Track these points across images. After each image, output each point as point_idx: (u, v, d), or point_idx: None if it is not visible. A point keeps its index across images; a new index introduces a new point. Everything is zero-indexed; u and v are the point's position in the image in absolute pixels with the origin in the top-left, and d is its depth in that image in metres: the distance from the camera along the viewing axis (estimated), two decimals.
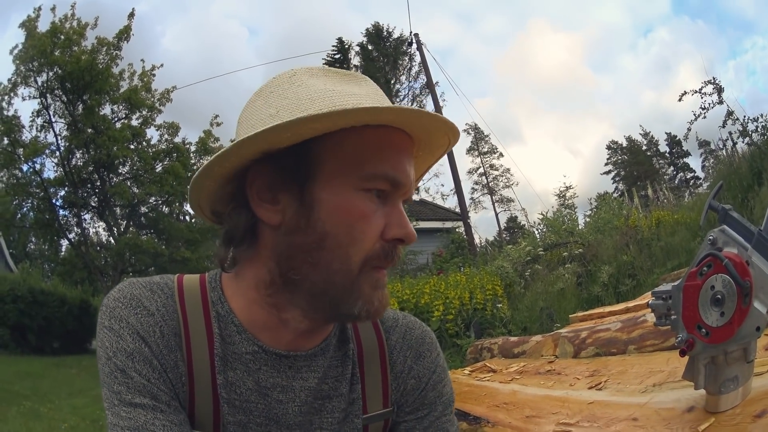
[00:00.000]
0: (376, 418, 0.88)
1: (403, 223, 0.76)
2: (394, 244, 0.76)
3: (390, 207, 0.76)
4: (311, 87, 0.75)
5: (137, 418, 0.70)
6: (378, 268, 0.76)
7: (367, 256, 0.74)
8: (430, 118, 0.75)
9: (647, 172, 39.44)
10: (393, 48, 34.42)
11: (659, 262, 6.59)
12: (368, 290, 0.75)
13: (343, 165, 0.73)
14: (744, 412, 1.11)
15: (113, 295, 0.78)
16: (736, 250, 1.07)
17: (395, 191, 0.76)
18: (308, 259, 0.73)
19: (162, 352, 0.75)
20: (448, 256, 13.99)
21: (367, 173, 0.73)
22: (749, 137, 8.29)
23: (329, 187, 0.73)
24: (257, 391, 0.79)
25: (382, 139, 0.74)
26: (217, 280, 0.83)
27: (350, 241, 0.73)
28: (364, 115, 0.70)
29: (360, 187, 0.73)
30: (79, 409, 7.42)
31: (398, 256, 0.77)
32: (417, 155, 0.83)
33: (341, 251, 0.73)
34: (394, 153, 0.75)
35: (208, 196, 0.81)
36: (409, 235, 0.76)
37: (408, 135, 0.78)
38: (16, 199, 16.90)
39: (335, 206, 0.72)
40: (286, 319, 0.78)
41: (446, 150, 0.85)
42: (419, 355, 0.92)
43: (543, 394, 1.92)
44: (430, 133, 0.79)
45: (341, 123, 0.70)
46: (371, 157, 0.73)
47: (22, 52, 15.08)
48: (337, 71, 0.81)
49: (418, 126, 0.76)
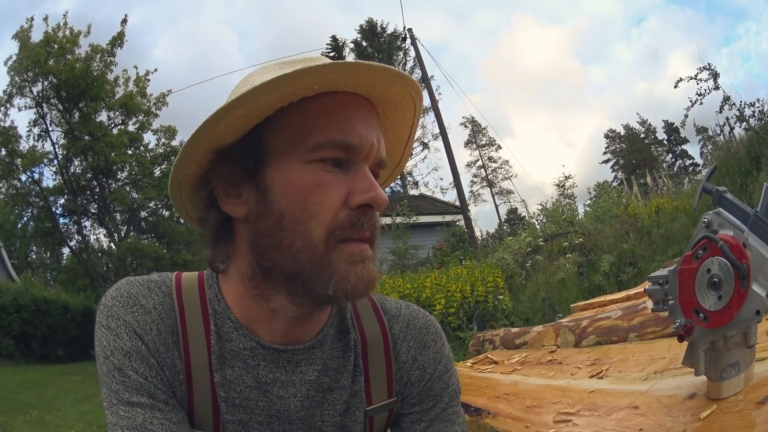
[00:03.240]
0: (380, 409, 0.87)
1: (367, 188, 0.72)
2: (363, 211, 0.72)
3: (353, 174, 0.73)
4: (259, 81, 0.73)
5: (135, 417, 0.70)
6: (349, 240, 0.72)
7: (330, 229, 0.71)
8: (363, 70, 0.71)
9: (646, 160, 39.42)
10: (387, 44, 34.46)
11: (660, 250, 6.59)
12: (343, 266, 0.71)
13: (290, 142, 0.71)
14: (747, 398, 1.09)
15: (110, 293, 0.78)
16: (731, 232, 1.05)
17: (353, 156, 0.73)
18: (272, 243, 0.72)
19: (159, 350, 0.75)
20: (449, 249, 13.99)
21: (313, 144, 0.71)
22: (746, 122, 8.28)
23: (279, 166, 0.72)
24: (257, 387, 0.78)
25: (326, 106, 0.72)
26: (214, 277, 0.82)
27: (307, 216, 0.70)
28: (280, 85, 0.67)
29: (309, 159, 0.71)
30: (86, 415, 7.43)
31: (373, 225, 0.74)
32: (388, 116, 0.81)
33: (300, 228, 0.71)
34: (339, 117, 0.72)
35: (188, 204, 0.82)
36: (376, 199, 0.72)
37: (361, 97, 0.75)
38: (16, 209, 16.95)
39: (286, 184, 0.71)
40: (274, 309, 0.77)
41: (416, 108, 0.82)
42: (424, 346, 0.91)
43: (544, 384, 1.91)
44: (381, 89, 0.75)
45: (264, 100, 0.68)
46: (315, 127, 0.71)
47: (16, 63, 15.14)
48: (294, 59, 0.80)
49: (360, 83, 0.73)
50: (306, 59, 0.79)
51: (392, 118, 0.82)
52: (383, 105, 0.79)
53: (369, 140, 0.74)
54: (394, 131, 0.85)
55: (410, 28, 17.92)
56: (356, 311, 0.89)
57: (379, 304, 0.92)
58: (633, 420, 1.30)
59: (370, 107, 0.77)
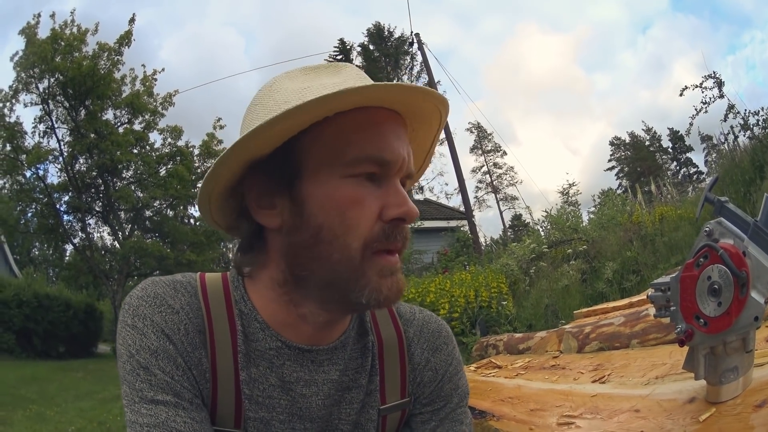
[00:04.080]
0: (394, 409, 0.89)
1: (400, 202, 0.74)
2: (395, 224, 0.74)
3: (386, 188, 0.75)
4: (287, 90, 0.76)
5: (158, 415, 0.71)
6: (383, 253, 0.74)
7: (366, 241, 0.73)
8: (401, 90, 0.74)
9: (650, 167, 39.30)
10: (394, 48, 34.44)
11: (663, 258, 6.57)
12: (375, 278, 0.74)
13: (326, 156, 0.73)
14: (745, 402, 1.12)
15: (136, 293, 0.79)
16: (732, 241, 1.08)
17: (387, 171, 0.75)
18: (310, 254, 0.74)
19: (186, 350, 0.76)
20: (453, 254, 14.00)
21: (350, 159, 0.72)
22: (750, 131, 8.26)
23: (316, 181, 0.73)
24: (280, 386, 0.80)
25: (360, 122, 0.73)
26: (239, 279, 0.84)
27: (345, 230, 0.72)
28: (324, 104, 0.69)
29: (346, 174, 0.73)
30: (86, 411, 7.42)
31: (404, 237, 0.76)
32: (415, 128, 0.83)
33: (338, 241, 0.72)
34: (374, 133, 0.74)
35: (217, 213, 0.83)
36: (409, 213, 0.74)
37: (393, 111, 0.77)
38: (20, 204, 16.95)
39: (324, 198, 0.73)
40: (303, 314, 0.79)
41: (442, 119, 0.84)
42: (436, 348, 0.93)
43: (547, 388, 1.93)
44: (413, 105, 0.78)
45: (306, 117, 0.70)
46: (351, 142, 0.73)
47: (22, 59, 15.15)
48: (318, 66, 0.82)
49: (395, 101, 0.76)
50: (331, 66, 0.82)
51: (419, 130, 0.84)
52: (412, 118, 0.81)
53: (401, 155, 0.76)
54: (419, 141, 0.87)
55: (417, 33, 17.97)
56: (373, 314, 0.92)
57: (395, 309, 0.95)
58: (634, 423, 1.32)
59: (402, 122, 0.79)
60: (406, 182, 0.81)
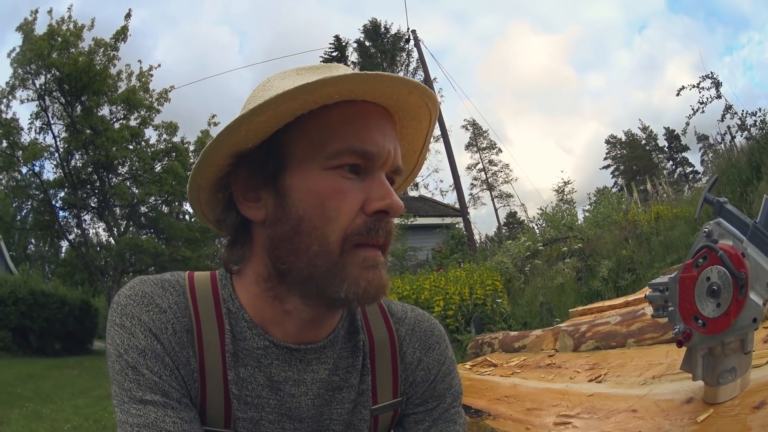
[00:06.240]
0: (386, 408, 0.89)
1: (383, 195, 0.74)
2: (379, 217, 0.74)
3: (369, 181, 0.75)
4: (278, 87, 0.75)
5: (147, 415, 0.71)
6: (363, 245, 0.74)
7: (347, 234, 0.72)
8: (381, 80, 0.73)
9: (646, 166, 39.39)
10: (390, 44, 34.40)
11: (658, 257, 6.59)
12: (354, 271, 0.73)
13: (310, 148, 0.73)
14: (743, 403, 1.12)
15: (124, 292, 0.79)
16: (731, 242, 1.08)
17: (371, 163, 0.75)
18: (290, 246, 0.74)
19: (174, 349, 0.76)
20: (448, 251, 14.01)
21: (332, 150, 0.72)
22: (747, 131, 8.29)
23: (299, 173, 0.74)
24: (269, 386, 0.80)
25: (344, 115, 0.73)
26: (227, 277, 0.84)
27: (325, 221, 0.72)
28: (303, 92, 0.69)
29: (328, 166, 0.73)
30: (82, 409, 7.40)
31: (387, 232, 0.75)
32: (404, 125, 0.83)
33: (317, 233, 0.72)
34: (358, 125, 0.74)
35: (206, 206, 0.84)
36: (392, 206, 0.74)
37: (380, 107, 0.77)
38: (16, 201, 16.90)
39: (305, 189, 0.73)
40: (289, 310, 0.79)
41: (432, 116, 0.84)
42: (428, 347, 0.93)
43: (543, 387, 1.93)
44: (399, 99, 0.77)
45: (285, 107, 0.70)
46: (334, 135, 0.73)
47: (19, 55, 15.08)
48: (311, 66, 0.82)
49: (377, 92, 0.75)
50: (324, 67, 0.82)
51: (408, 127, 0.84)
52: (400, 114, 0.81)
53: (386, 148, 0.75)
54: (409, 139, 0.86)
55: (414, 30, 17.94)
56: (365, 313, 0.91)
57: (387, 307, 0.94)
58: (631, 423, 1.32)
59: (388, 116, 0.79)
60: (395, 178, 0.80)
